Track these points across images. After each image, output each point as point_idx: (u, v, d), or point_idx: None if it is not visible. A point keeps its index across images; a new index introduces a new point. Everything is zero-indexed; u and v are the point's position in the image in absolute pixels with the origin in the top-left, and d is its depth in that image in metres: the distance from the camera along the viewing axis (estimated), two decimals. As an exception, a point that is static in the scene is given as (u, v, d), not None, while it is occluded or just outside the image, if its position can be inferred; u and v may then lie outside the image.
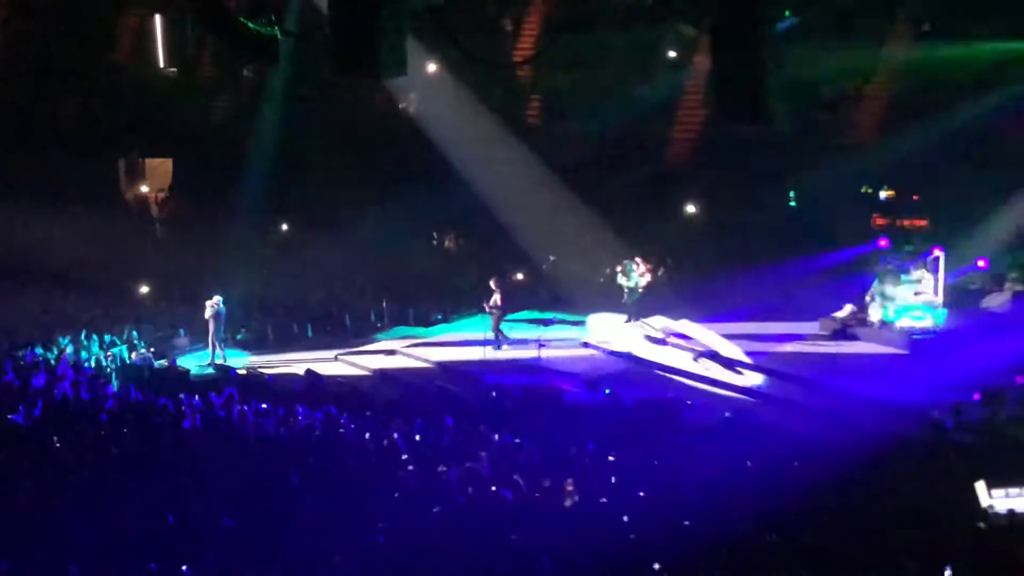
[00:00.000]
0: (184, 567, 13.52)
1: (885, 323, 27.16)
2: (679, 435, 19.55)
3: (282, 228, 36.46)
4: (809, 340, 27.41)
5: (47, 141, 35.54)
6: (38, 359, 27.13)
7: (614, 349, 27.86)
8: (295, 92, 34.64)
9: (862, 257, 29.16)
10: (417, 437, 18.85)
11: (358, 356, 28.82)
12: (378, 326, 31.39)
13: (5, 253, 31.48)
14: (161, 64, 38.40)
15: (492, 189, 33.14)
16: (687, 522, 14.11)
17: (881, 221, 31.65)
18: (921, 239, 28.85)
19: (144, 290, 32.90)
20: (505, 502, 15.24)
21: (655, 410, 21.90)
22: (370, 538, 14.02)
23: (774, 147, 31.86)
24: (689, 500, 15.19)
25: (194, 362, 28.35)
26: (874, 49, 32.13)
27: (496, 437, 18.80)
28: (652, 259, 30.16)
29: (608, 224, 32.26)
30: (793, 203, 34.10)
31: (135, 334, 29.24)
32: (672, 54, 35.33)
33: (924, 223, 30.91)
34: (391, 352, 28.95)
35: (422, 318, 31.78)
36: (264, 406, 22.08)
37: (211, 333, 28.24)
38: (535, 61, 36.34)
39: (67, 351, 27.81)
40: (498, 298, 28.35)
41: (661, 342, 28.01)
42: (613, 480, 16.22)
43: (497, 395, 23.64)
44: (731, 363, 25.93)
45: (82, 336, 28.73)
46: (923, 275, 27.27)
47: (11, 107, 35.51)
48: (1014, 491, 15.23)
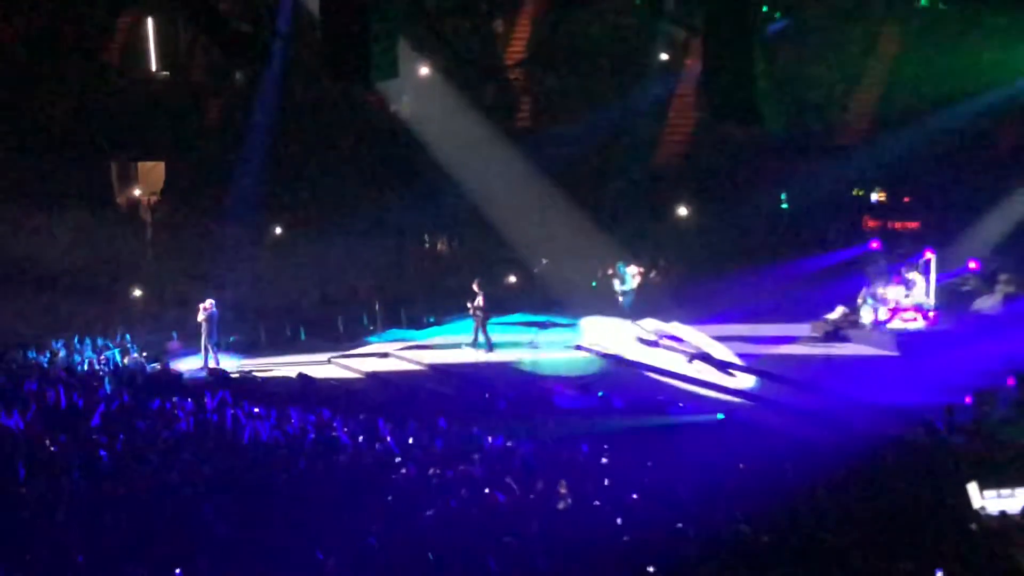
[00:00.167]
0: (177, 571, 13.52)
1: (877, 325, 27.22)
2: (672, 437, 19.56)
3: (274, 231, 36.42)
4: (801, 342, 27.45)
5: (39, 145, 35.44)
6: (31, 363, 27.09)
7: (606, 351, 27.90)
8: (287, 95, 34.60)
9: (854, 259, 29.21)
10: (410, 440, 18.84)
11: (351, 359, 28.83)
12: (371, 329, 31.41)
13: (-2, 256, 31.52)
14: (153, 67, 38.37)
15: (484, 192, 33.17)
16: (680, 524, 14.11)
17: (873, 223, 31.71)
18: (912, 241, 28.92)
19: (137, 293, 32.88)
20: (498, 504, 15.24)
21: (647, 412, 21.92)
22: (363, 541, 14.01)
23: (765, 149, 31.97)
24: (682, 502, 15.19)
25: (187, 365, 28.34)
26: (865, 51, 32.22)
27: (489, 439, 18.80)
28: (644, 261, 30.19)
29: (600, 226, 32.27)
30: (785, 205, 34.12)
31: (128, 338, 29.21)
32: (663, 56, 35.36)
33: (916, 225, 30.96)
34: (384, 355, 28.98)
35: (415, 321, 31.81)
36: (257, 409, 22.07)
37: (204, 336, 28.23)
38: (526, 64, 36.37)
39: (60, 354, 27.76)
40: (481, 300, 28.41)
41: (653, 344, 28.04)
42: (606, 482, 16.22)
43: (490, 397, 23.64)
44: (723, 365, 25.95)
45: (75, 340, 28.69)
46: (915, 277, 27.35)
47: (3, 110, 35.43)
48: (1006, 492, 15.25)
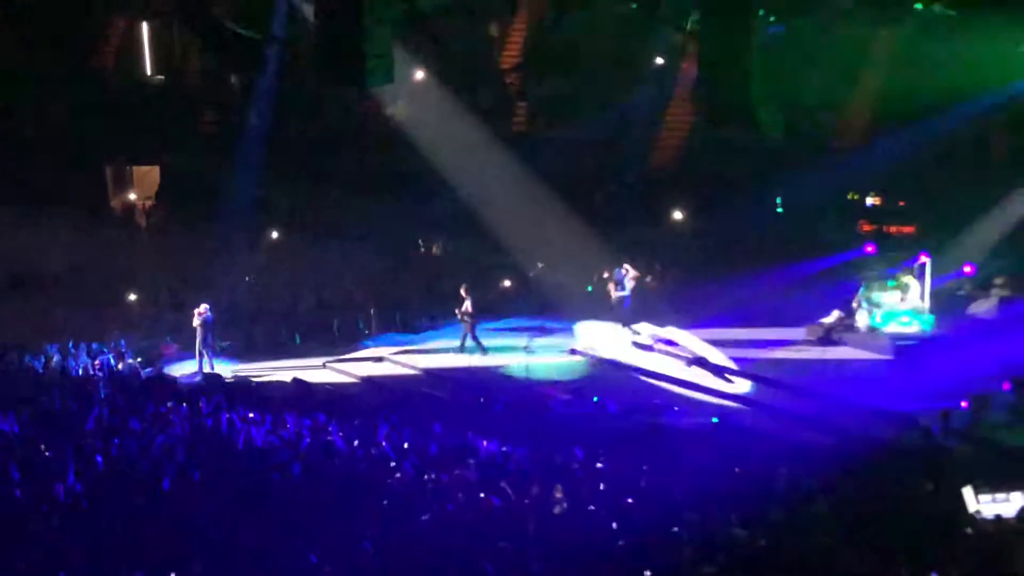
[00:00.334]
0: (172, 575, 13.51)
1: (872, 329, 27.23)
2: (667, 441, 19.55)
3: (270, 235, 36.39)
4: (796, 346, 27.45)
5: (34, 149, 35.43)
6: (26, 367, 27.06)
7: (601, 356, 27.89)
8: (282, 99, 34.57)
9: (849, 263, 29.21)
10: (405, 445, 18.82)
11: (346, 363, 28.81)
12: (366, 333, 31.36)
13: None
14: (148, 71, 38.35)
15: (479, 196, 33.15)
16: (676, 528, 14.10)
17: (868, 227, 31.72)
18: (907, 245, 28.94)
19: (132, 298, 32.84)
20: (493, 509, 15.23)
21: (642, 416, 21.91)
22: (358, 546, 14.00)
23: (761, 153, 31.95)
24: (677, 506, 15.19)
25: (182, 370, 28.30)
26: (861, 54, 32.24)
27: (484, 444, 18.78)
28: (640, 265, 30.17)
29: (595, 230, 32.26)
30: (780, 209, 34.13)
31: (123, 342, 29.18)
32: (660, 60, 35.37)
33: (911, 229, 30.98)
34: (379, 359, 28.95)
35: (410, 325, 31.78)
36: (252, 414, 22.05)
37: (198, 341, 28.20)
38: (522, 68, 36.37)
39: (55, 359, 27.72)
40: (469, 305, 28.45)
41: (648, 348, 28.05)
42: (601, 487, 16.20)
43: (485, 402, 23.63)
44: (718, 369, 25.95)
45: (70, 344, 28.65)
46: (910, 281, 27.37)
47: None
48: (1001, 496, 15.22)
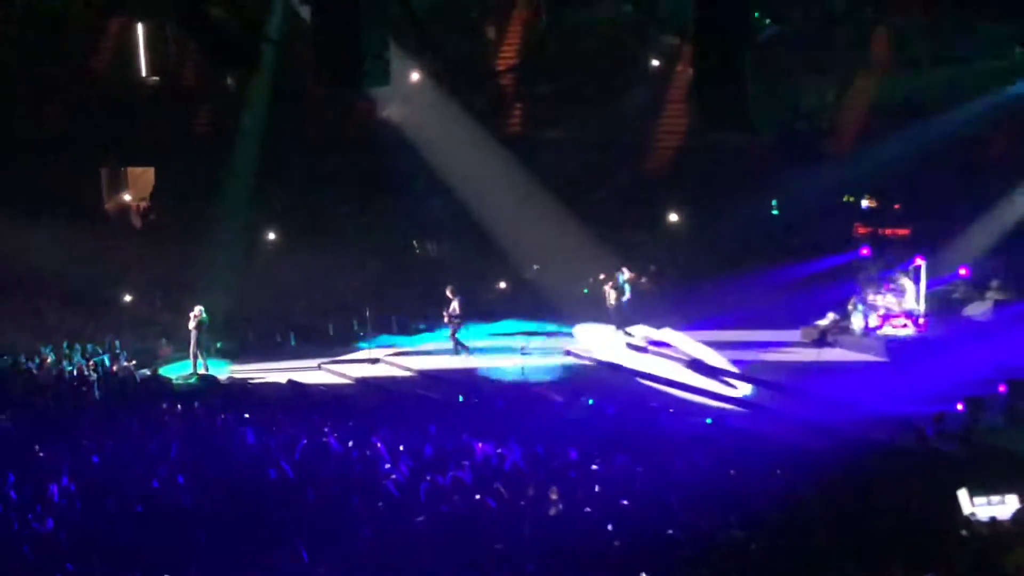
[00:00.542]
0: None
1: (867, 331, 27.24)
2: (662, 443, 19.54)
3: (265, 237, 36.36)
4: (791, 348, 27.46)
5: (29, 150, 35.40)
6: (20, 368, 27.03)
7: (597, 357, 27.89)
8: (277, 101, 34.53)
9: (844, 265, 29.19)
10: (401, 447, 18.81)
11: (341, 365, 28.80)
12: (361, 335, 31.34)
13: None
14: (143, 72, 38.32)
15: (475, 198, 33.11)
16: (671, 530, 14.10)
17: (863, 230, 31.66)
18: (903, 248, 28.91)
19: (127, 299, 32.80)
20: (489, 511, 15.22)
21: (637, 418, 21.90)
22: (353, 548, 13.99)
23: (756, 155, 31.93)
24: (672, 508, 15.19)
25: (176, 372, 28.27)
26: (856, 58, 32.25)
27: (479, 446, 18.77)
28: (635, 267, 30.17)
29: (591, 232, 32.22)
30: (775, 211, 34.09)
31: (117, 344, 29.14)
32: (655, 63, 35.36)
33: (906, 232, 30.93)
34: (374, 361, 28.93)
35: (405, 327, 31.77)
36: (246, 415, 22.04)
37: (193, 343, 28.16)
38: (518, 69, 36.33)
39: (49, 360, 27.70)
40: (456, 306, 28.48)
41: (643, 350, 28.05)
42: (597, 488, 16.20)
43: (480, 403, 23.62)
44: (713, 371, 25.95)
45: (64, 346, 28.62)
46: (905, 284, 27.37)
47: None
48: (996, 499, 15.23)
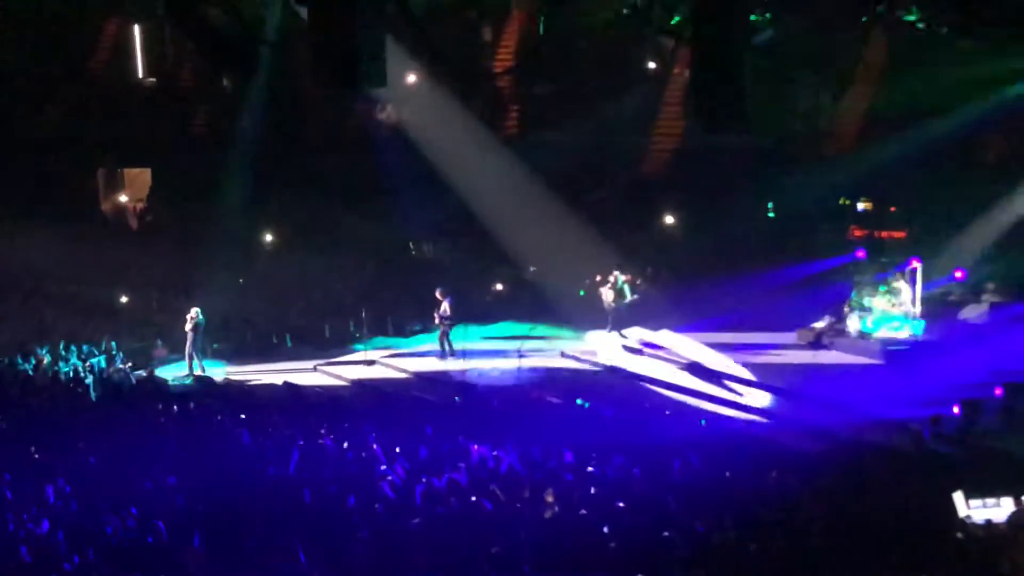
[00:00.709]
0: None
1: (863, 334, 27.26)
2: (658, 445, 19.54)
3: (261, 238, 36.34)
4: (787, 350, 27.47)
5: (25, 150, 35.38)
6: (16, 369, 27.02)
7: (593, 359, 27.89)
8: (275, 102, 34.51)
9: (840, 268, 29.20)
10: (397, 449, 18.80)
11: (337, 367, 28.78)
12: (357, 336, 31.32)
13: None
14: (140, 74, 38.31)
15: (471, 199, 33.10)
16: (667, 532, 14.10)
17: (859, 232, 31.71)
18: (899, 250, 28.95)
19: (123, 300, 32.78)
20: (484, 513, 15.21)
21: (634, 420, 21.89)
22: (350, 549, 13.98)
23: (753, 158, 31.96)
24: (669, 510, 15.19)
25: (172, 373, 28.25)
26: (853, 60, 32.28)
27: (475, 448, 18.76)
28: (632, 269, 30.17)
29: (588, 234, 32.22)
30: (771, 214, 34.12)
31: (113, 345, 29.12)
32: (652, 65, 35.37)
33: (902, 235, 30.97)
34: (370, 362, 28.92)
35: (400, 328, 31.75)
36: (242, 416, 22.03)
37: (189, 344, 28.14)
38: (514, 71, 36.33)
39: (45, 361, 27.68)
40: (446, 307, 28.53)
41: (639, 353, 28.06)
42: (592, 491, 16.19)
43: (476, 405, 23.61)
44: (709, 373, 25.96)
45: (60, 346, 28.60)
46: (901, 286, 27.40)
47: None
48: (991, 502, 15.25)
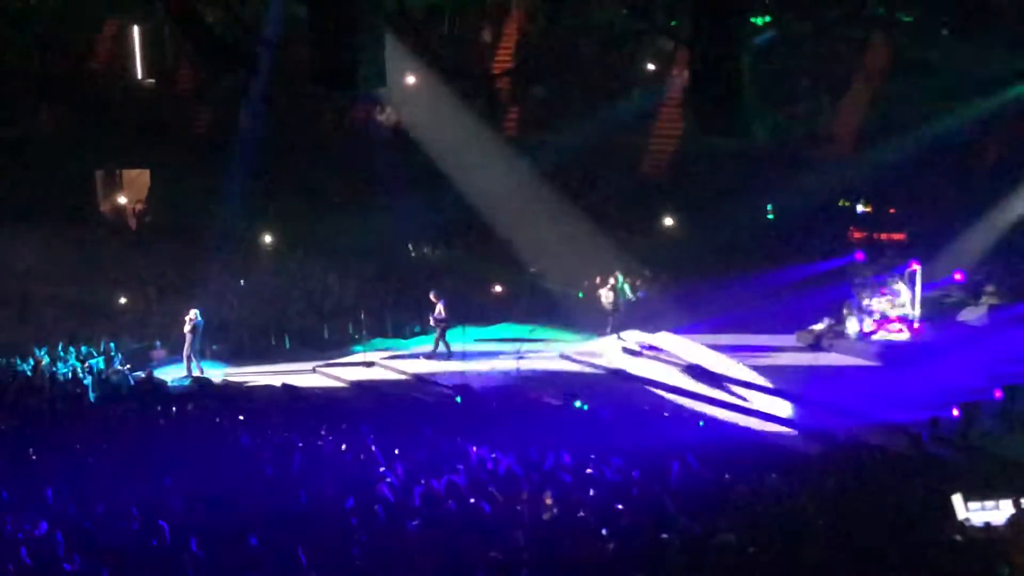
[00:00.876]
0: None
1: (862, 336, 27.25)
2: (656, 447, 19.53)
3: (260, 239, 36.34)
4: (786, 352, 27.46)
5: (24, 152, 35.39)
6: (14, 371, 27.02)
7: (592, 361, 27.88)
8: (274, 103, 34.51)
9: (839, 270, 29.20)
10: (396, 451, 18.79)
11: (336, 368, 28.77)
12: (356, 338, 31.32)
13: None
14: (139, 75, 38.32)
15: (470, 201, 33.11)
16: (665, 535, 14.09)
17: (858, 234, 31.70)
18: (898, 252, 28.95)
19: (122, 301, 32.77)
20: (483, 515, 15.19)
21: (632, 422, 21.88)
22: (348, 551, 13.96)
23: (752, 160, 31.95)
24: (667, 512, 15.17)
25: (171, 374, 28.24)
26: (852, 62, 32.30)
27: (474, 449, 18.75)
28: (631, 271, 30.17)
29: (587, 235, 32.21)
30: (771, 216, 34.10)
31: (112, 346, 29.11)
32: (651, 67, 35.38)
33: (901, 237, 30.96)
34: (369, 364, 28.91)
35: (400, 330, 31.74)
36: (241, 418, 22.02)
37: (187, 345, 28.13)
38: (513, 73, 36.35)
39: (43, 363, 27.67)
40: (442, 309, 28.60)
41: (637, 354, 28.06)
42: (591, 492, 16.17)
43: (474, 407, 23.60)
44: (708, 375, 25.96)
45: (59, 348, 28.59)
46: (900, 288, 27.41)
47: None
48: (990, 504, 15.24)
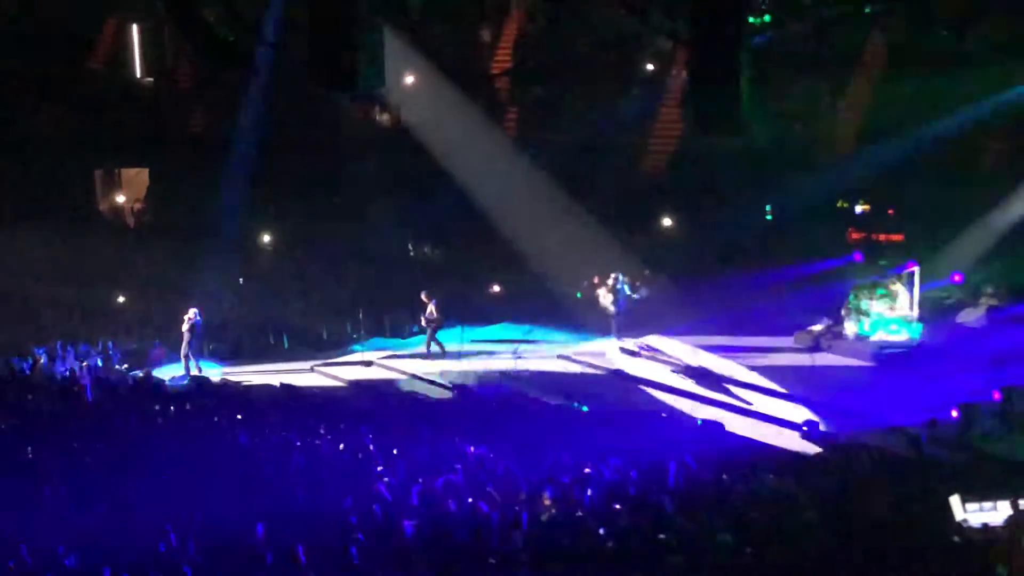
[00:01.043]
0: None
1: (860, 337, 27.25)
2: (654, 447, 19.54)
3: (259, 238, 36.30)
4: (785, 353, 27.45)
5: (23, 151, 35.34)
6: (13, 370, 26.99)
7: (590, 361, 27.88)
8: (273, 103, 34.45)
9: (837, 270, 29.20)
10: (395, 451, 18.79)
11: (334, 367, 28.76)
12: (354, 337, 31.31)
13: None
14: (138, 73, 38.28)
15: (469, 200, 33.06)
16: (663, 535, 14.11)
17: (857, 235, 31.71)
18: (896, 253, 28.96)
19: (120, 300, 32.74)
20: (481, 514, 15.21)
21: (630, 422, 21.89)
22: (347, 551, 13.97)
23: (750, 160, 31.94)
24: (665, 512, 15.19)
25: (169, 373, 28.21)
26: (850, 62, 32.31)
27: (471, 449, 18.76)
28: (630, 271, 30.14)
29: (585, 235, 32.19)
30: (769, 217, 34.09)
31: (110, 345, 29.10)
32: (650, 67, 35.37)
33: (900, 238, 30.97)
34: (367, 363, 28.90)
35: (398, 329, 31.72)
36: (239, 417, 22.02)
37: (185, 344, 28.11)
38: (512, 73, 36.34)
39: (42, 361, 27.65)
40: (433, 309, 28.65)
41: (635, 355, 28.07)
42: (589, 492, 16.19)
43: (472, 406, 23.61)
44: (706, 376, 25.96)
45: (57, 347, 28.57)
46: (899, 289, 27.41)
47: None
48: (988, 505, 15.26)
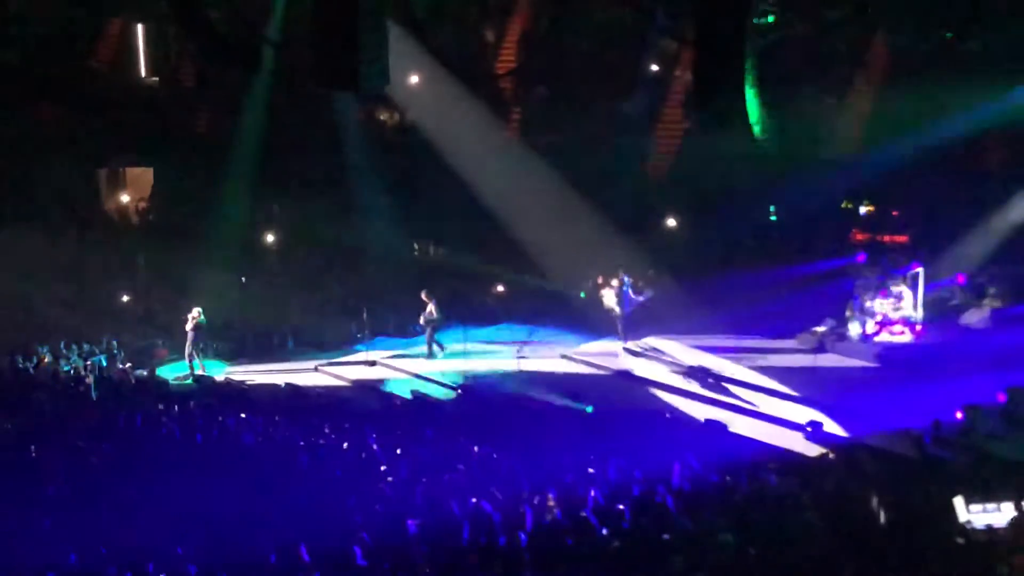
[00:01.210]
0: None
1: (864, 338, 27.24)
2: (658, 447, 19.54)
3: (264, 238, 36.32)
4: (788, 354, 27.45)
5: (27, 150, 35.35)
6: (17, 368, 27.03)
7: (593, 361, 27.88)
8: (277, 101, 34.45)
9: (841, 271, 29.18)
10: (398, 451, 18.80)
11: (338, 367, 28.78)
12: (358, 337, 31.32)
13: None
14: (142, 73, 38.30)
15: (474, 200, 33.07)
16: (667, 535, 14.10)
17: (861, 236, 31.67)
18: (901, 254, 28.93)
19: (124, 299, 32.77)
20: (484, 514, 15.20)
21: (634, 422, 21.88)
22: (350, 550, 13.97)
23: (755, 160, 31.90)
24: (669, 512, 15.18)
25: (173, 372, 28.24)
26: (855, 63, 32.29)
27: (475, 449, 18.76)
28: (634, 272, 30.14)
29: (590, 236, 32.19)
30: (774, 217, 34.07)
31: (115, 344, 29.12)
32: (654, 67, 35.36)
33: (904, 239, 30.93)
34: (371, 363, 28.92)
35: (402, 329, 31.73)
36: (243, 416, 22.03)
37: (189, 344, 28.13)
38: (516, 73, 36.33)
39: (46, 360, 27.69)
40: (432, 309, 28.65)
41: (639, 355, 28.06)
42: (593, 493, 16.19)
43: (476, 406, 23.61)
44: (710, 376, 25.96)
45: (61, 345, 28.61)
46: (903, 290, 27.40)
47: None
48: (992, 506, 15.23)
